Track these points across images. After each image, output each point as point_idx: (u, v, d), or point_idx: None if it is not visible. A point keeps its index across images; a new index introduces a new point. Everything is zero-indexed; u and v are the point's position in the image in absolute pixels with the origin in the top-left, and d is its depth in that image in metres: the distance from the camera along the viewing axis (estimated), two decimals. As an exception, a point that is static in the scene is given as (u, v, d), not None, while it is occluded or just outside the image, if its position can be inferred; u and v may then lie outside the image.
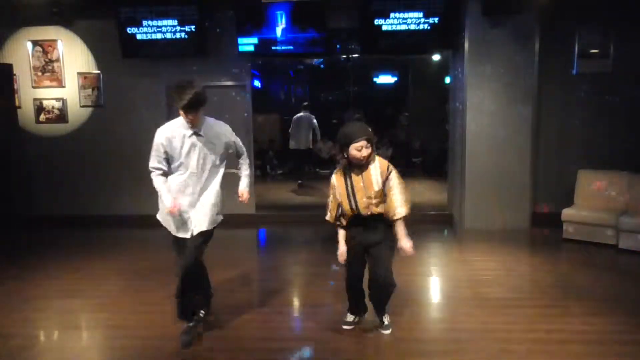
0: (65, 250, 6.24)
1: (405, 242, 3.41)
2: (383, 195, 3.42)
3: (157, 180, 3.67)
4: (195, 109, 3.48)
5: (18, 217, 6.98)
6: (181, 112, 3.52)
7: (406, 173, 12.32)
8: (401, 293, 4.54)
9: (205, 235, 3.66)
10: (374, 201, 3.41)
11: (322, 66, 13.23)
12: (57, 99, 7.39)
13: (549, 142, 6.91)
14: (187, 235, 3.63)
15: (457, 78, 7.17)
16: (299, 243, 6.86)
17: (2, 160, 6.73)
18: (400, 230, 3.43)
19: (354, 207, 3.43)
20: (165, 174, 3.68)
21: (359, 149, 3.32)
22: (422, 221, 7.37)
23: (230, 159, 3.90)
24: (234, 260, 5.69)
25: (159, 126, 3.70)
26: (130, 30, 6.96)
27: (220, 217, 3.77)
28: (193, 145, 3.60)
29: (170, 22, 6.92)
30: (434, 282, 5.11)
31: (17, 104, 7.29)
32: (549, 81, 6.77)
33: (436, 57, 9.93)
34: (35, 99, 7.40)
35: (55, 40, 7.29)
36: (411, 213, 3.46)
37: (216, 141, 3.68)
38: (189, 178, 3.63)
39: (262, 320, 4.08)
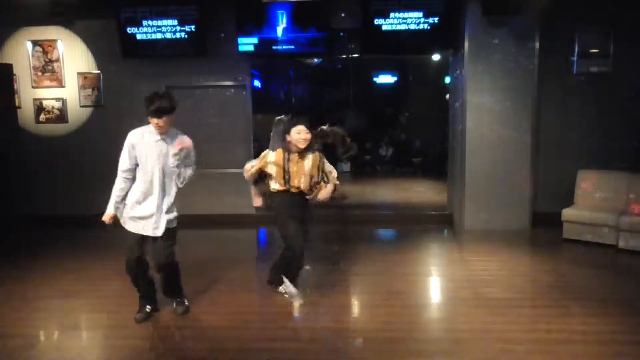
0: (65, 250, 6.24)
1: (324, 193, 4.16)
2: (311, 180, 4.13)
3: (118, 183, 3.97)
4: (161, 116, 3.75)
5: (18, 217, 6.98)
6: (150, 119, 3.82)
7: (406, 173, 12.44)
8: (401, 293, 4.57)
9: (170, 235, 3.93)
10: (302, 185, 4.12)
11: (322, 66, 13.21)
12: (57, 99, 7.39)
13: (549, 142, 6.92)
14: (150, 234, 3.86)
15: (457, 78, 7.17)
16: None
17: (2, 160, 6.73)
18: (329, 188, 4.20)
19: (287, 183, 4.13)
20: (133, 179, 3.93)
21: (298, 132, 3.97)
22: (422, 221, 7.38)
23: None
24: (233, 261, 5.69)
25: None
26: (130, 30, 6.96)
27: (175, 214, 4.00)
28: (159, 151, 3.84)
29: (170, 22, 6.93)
30: (434, 282, 5.11)
31: (17, 104, 7.29)
32: (549, 81, 6.77)
33: (436, 57, 9.92)
34: (35, 99, 7.41)
35: (55, 40, 7.29)
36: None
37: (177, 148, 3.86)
38: (152, 182, 3.86)
39: (262, 320, 4.08)
